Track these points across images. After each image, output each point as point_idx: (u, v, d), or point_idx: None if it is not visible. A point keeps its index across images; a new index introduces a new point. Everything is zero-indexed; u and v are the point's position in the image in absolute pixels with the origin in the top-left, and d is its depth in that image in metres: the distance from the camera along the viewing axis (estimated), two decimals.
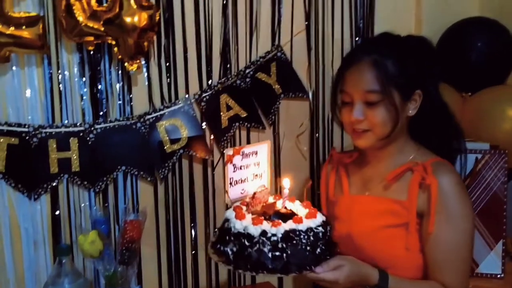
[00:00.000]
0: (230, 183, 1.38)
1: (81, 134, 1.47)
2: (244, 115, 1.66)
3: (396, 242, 1.26)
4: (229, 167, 1.37)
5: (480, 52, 1.81)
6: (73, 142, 1.46)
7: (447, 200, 1.22)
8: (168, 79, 1.57)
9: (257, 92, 1.68)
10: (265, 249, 1.10)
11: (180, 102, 1.57)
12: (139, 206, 1.56)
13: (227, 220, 1.20)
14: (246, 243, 1.11)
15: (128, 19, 1.42)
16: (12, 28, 1.35)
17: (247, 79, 1.65)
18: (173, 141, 1.57)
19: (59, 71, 1.45)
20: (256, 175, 1.44)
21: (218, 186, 1.66)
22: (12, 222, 1.46)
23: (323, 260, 1.14)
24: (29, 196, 1.46)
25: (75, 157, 1.47)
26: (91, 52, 1.47)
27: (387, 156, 1.33)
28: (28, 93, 1.44)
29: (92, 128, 1.48)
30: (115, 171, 1.52)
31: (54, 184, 1.46)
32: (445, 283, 1.23)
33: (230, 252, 1.14)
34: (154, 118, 1.54)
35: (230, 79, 1.63)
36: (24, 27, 1.36)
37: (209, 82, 1.62)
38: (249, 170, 1.42)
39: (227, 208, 1.41)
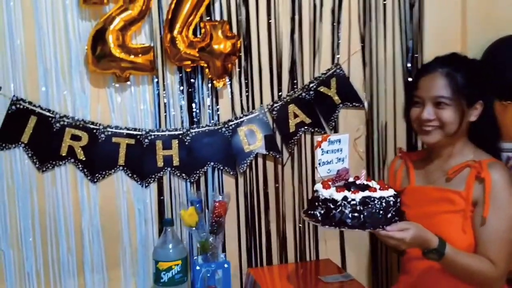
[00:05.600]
0: (319, 164, 1.60)
1: (180, 136, 1.86)
2: (309, 122, 1.98)
3: (452, 226, 1.50)
4: (318, 150, 1.60)
5: None
6: (174, 143, 1.85)
7: (497, 192, 1.46)
8: (247, 93, 1.94)
9: (319, 102, 1.98)
10: (346, 211, 1.34)
11: (256, 111, 1.94)
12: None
13: (316, 191, 1.45)
14: (331, 206, 1.36)
15: (216, 47, 1.80)
16: (132, 56, 1.76)
17: (311, 92, 1.98)
18: (251, 143, 1.93)
19: (164, 88, 1.86)
20: (339, 159, 1.66)
21: (286, 179, 1.99)
22: (128, 204, 1.86)
23: (393, 222, 1.36)
24: (141, 184, 1.86)
25: (175, 154, 1.86)
26: (188, 73, 1.86)
27: (449, 156, 1.60)
28: (141, 105, 1.85)
29: (188, 132, 1.87)
30: (205, 165, 1.90)
31: (160, 175, 1.87)
32: (491, 259, 1.45)
33: (318, 215, 1.40)
34: (235, 124, 1.91)
35: (296, 92, 1.97)
36: (140, 55, 1.78)
37: (279, 94, 1.96)
38: (334, 154, 1.64)
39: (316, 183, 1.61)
